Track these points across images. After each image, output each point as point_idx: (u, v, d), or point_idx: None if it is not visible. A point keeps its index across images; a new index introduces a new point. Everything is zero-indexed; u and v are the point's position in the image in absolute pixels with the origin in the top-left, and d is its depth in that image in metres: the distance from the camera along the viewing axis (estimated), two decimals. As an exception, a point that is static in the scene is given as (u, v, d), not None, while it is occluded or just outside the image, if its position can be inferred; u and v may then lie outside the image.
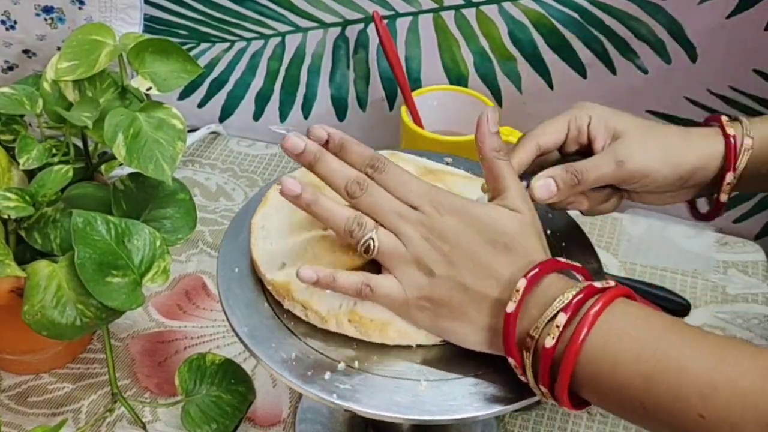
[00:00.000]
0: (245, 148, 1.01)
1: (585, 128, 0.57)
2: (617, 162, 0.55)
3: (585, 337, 0.43)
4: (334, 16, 0.89)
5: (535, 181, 0.55)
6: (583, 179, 0.55)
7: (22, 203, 0.60)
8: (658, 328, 0.44)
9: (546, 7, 0.82)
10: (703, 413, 0.40)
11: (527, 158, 0.56)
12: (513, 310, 0.45)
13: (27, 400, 0.70)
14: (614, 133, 0.56)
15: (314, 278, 0.49)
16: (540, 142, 0.56)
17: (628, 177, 0.56)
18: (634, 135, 0.56)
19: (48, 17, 0.86)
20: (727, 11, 0.77)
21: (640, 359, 0.42)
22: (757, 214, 0.90)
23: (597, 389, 0.44)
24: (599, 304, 0.44)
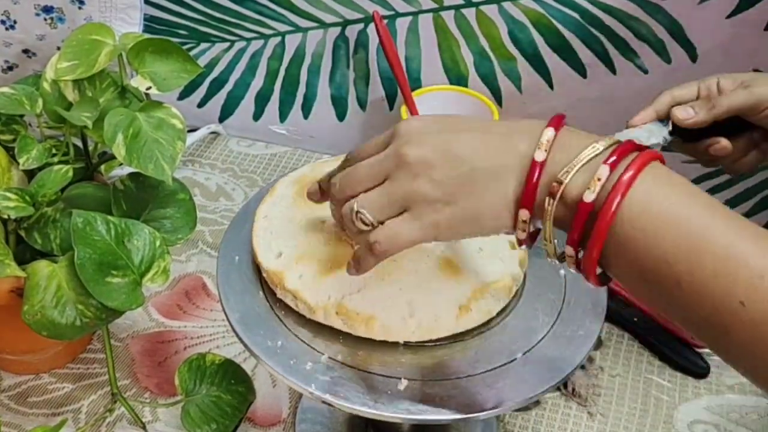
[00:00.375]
0: (245, 148, 1.01)
1: (714, 85, 0.62)
2: (747, 89, 0.59)
3: (625, 194, 0.40)
4: (334, 16, 0.89)
5: (675, 109, 0.61)
6: (718, 103, 0.59)
7: (22, 203, 0.60)
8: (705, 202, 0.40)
9: (546, 7, 0.82)
10: (745, 301, 0.37)
11: (664, 104, 0.62)
12: (542, 159, 0.42)
13: (27, 400, 0.70)
14: (741, 82, 0.61)
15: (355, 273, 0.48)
16: (674, 93, 0.62)
17: (757, 101, 0.59)
18: (762, 75, 0.60)
19: (48, 17, 0.86)
20: (727, 11, 0.77)
21: (689, 233, 0.39)
22: (757, 214, 0.90)
23: (630, 258, 0.40)
24: (640, 161, 0.40)
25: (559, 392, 0.72)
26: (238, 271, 0.56)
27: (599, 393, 0.72)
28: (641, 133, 0.61)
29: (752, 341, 0.37)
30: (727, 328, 0.38)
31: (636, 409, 0.71)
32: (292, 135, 1.01)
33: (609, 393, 0.72)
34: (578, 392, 0.71)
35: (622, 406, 0.71)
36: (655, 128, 0.62)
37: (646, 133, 0.61)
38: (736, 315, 0.37)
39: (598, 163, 0.41)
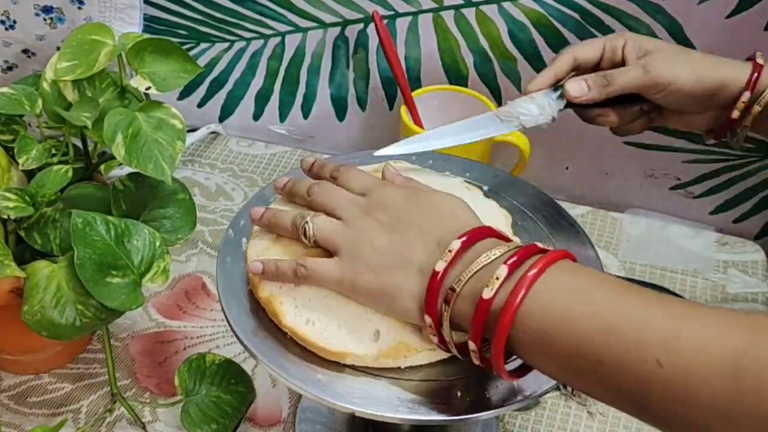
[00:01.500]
0: (245, 148, 1.01)
1: (620, 49, 0.61)
2: (644, 68, 0.59)
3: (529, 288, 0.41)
4: (333, 16, 0.89)
5: (568, 82, 0.60)
6: (612, 81, 0.59)
7: (21, 203, 0.60)
8: (611, 284, 0.42)
9: (546, 7, 0.82)
10: (663, 361, 0.38)
11: (564, 67, 0.62)
12: (442, 269, 0.45)
13: (27, 400, 0.70)
14: (645, 52, 0.60)
15: (260, 269, 0.51)
16: (576, 54, 0.62)
17: (653, 84, 0.59)
18: (666, 50, 0.60)
19: (47, 17, 0.86)
20: (727, 11, 0.77)
21: (599, 314, 0.40)
22: (757, 214, 0.90)
23: (542, 349, 0.42)
24: (543, 260, 0.42)
25: (559, 392, 0.72)
26: (238, 271, 0.56)
27: (599, 393, 0.72)
28: (533, 109, 0.61)
29: (671, 400, 0.38)
30: (648, 391, 0.39)
31: (636, 409, 0.71)
32: (291, 135, 1.01)
33: (609, 393, 0.72)
34: (578, 392, 0.71)
35: (622, 406, 0.71)
36: (548, 104, 0.61)
37: (537, 110, 0.61)
38: (656, 376, 0.38)
39: (498, 264, 0.43)
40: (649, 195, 0.92)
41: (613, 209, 0.92)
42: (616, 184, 0.92)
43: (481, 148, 0.83)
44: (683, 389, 0.38)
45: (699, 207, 0.91)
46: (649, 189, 0.91)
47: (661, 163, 0.89)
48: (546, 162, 0.91)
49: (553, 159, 0.91)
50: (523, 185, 0.64)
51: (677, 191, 0.91)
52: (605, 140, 0.64)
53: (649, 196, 0.92)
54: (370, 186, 0.52)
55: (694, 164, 0.88)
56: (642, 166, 0.90)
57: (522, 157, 0.85)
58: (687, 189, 0.91)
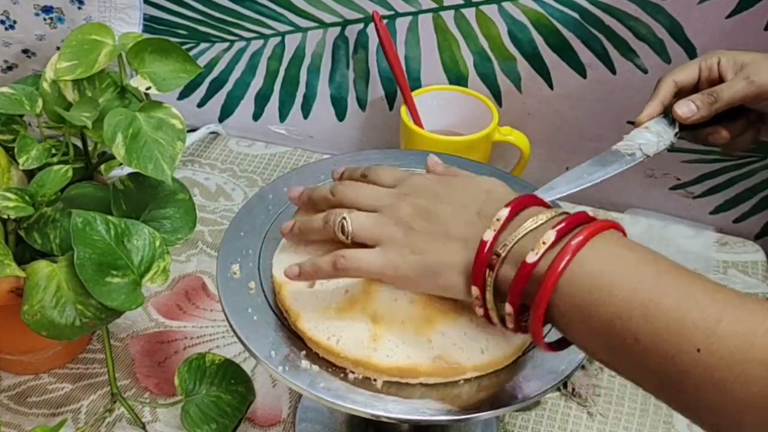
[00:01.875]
0: (245, 148, 1.00)
1: (715, 66, 0.63)
2: (747, 79, 0.60)
3: (573, 255, 0.41)
4: (333, 16, 0.89)
5: (676, 106, 0.62)
6: (719, 97, 0.61)
7: (21, 203, 0.60)
8: (656, 260, 0.42)
9: (546, 7, 0.82)
10: (701, 347, 0.37)
11: (668, 92, 0.63)
12: (491, 237, 0.44)
13: (26, 400, 0.70)
14: (742, 64, 0.62)
15: (297, 271, 0.50)
16: (676, 79, 0.63)
17: (759, 92, 0.60)
18: (761, 59, 0.61)
19: (47, 17, 0.85)
20: (727, 11, 0.77)
21: (639, 289, 0.40)
22: (757, 214, 0.90)
23: (582, 320, 0.41)
24: (591, 228, 0.42)
25: (559, 392, 0.72)
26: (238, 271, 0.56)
27: (599, 393, 0.72)
28: (651, 138, 0.62)
29: (707, 387, 0.38)
30: (683, 375, 0.38)
31: (636, 409, 0.71)
32: (291, 135, 1.01)
33: (609, 393, 0.72)
34: (578, 392, 0.71)
35: (622, 406, 0.71)
36: (663, 129, 0.62)
37: (655, 137, 0.62)
38: (693, 362, 0.38)
39: (545, 230, 0.43)
40: (649, 195, 0.92)
41: (613, 209, 0.92)
42: (616, 184, 0.92)
43: (481, 149, 0.83)
44: (720, 377, 0.37)
45: (699, 207, 0.91)
46: (649, 189, 0.91)
47: (661, 163, 0.89)
48: (546, 162, 0.91)
49: (553, 159, 0.91)
50: (523, 185, 0.64)
51: (677, 191, 0.91)
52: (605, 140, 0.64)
53: (649, 196, 0.92)
54: (400, 177, 0.52)
55: (694, 164, 0.88)
56: (642, 165, 0.89)
57: (522, 157, 0.85)
58: (687, 189, 0.91)
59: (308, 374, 0.49)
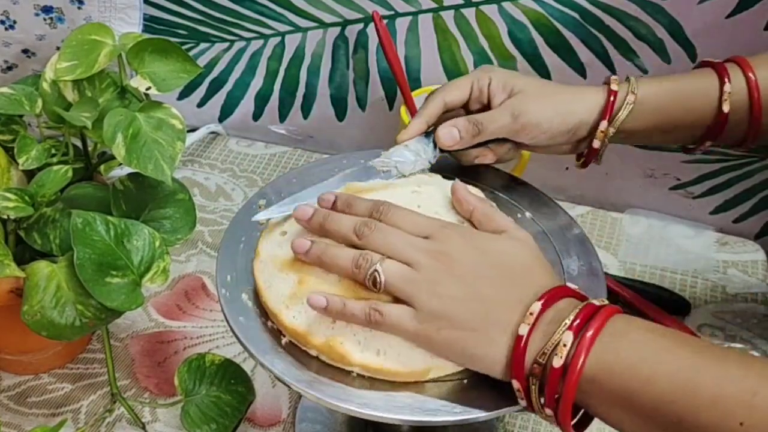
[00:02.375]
0: (245, 148, 1.00)
1: (486, 88, 0.62)
2: (513, 115, 0.60)
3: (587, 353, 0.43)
4: (333, 16, 0.89)
5: (440, 129, 0.61)
6: (483, 129, 0.61)
7: (21, 203, 0.60)
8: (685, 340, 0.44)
9: (546, 7, 0.82)
10: (744, 421, 0.39)
11: (435, 112, 0.62)
12: (525, 332, 0.45)
13: (26, 401, 0.70)
14: (511, 92, 0.62)
15: (324, 304, 0.48)
16: (446, 99, 0.63)
17: (521, 129, 0.61)
18: (529, 92, 0.61)
19: (47, 17, 0.85)
20: (727, 11, 0.77)
21: (679, 371, 0.42)
22: (757, 214, 0.90)
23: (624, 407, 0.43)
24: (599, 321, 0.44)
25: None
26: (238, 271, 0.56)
27: (599, 393, 0.72)
28: (408, 156, 0.61)
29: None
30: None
31: (636, 409, 0.71)
32: (291, 135, 1.01)
33: (609, 393, 0.72)
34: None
35: (622, 406, 0.71)
36: (422, 148, 0.61)
37: (413, 156, 0.61)
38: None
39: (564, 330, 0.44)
40: (649, 195, 0.92)
41: (613, 209, 0.92)
42: (616, 184, 0.92)
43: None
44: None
45: (699, 207, 0.91)
46: (649, 189, 0.91)
47: (661, 163, 0.89)
48: (546, 162, 0.90)
49: (553, 159, 0.91)
50: (523, 185, 0.64)
51: (677, 191, 0.91)
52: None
53: (649, 196, 0.92)
54: (427, 228, 0.50)
55: (694, 164, 0.88)
56: (642, 166, 0.90)
57: (522, 157, 0.85)
58: (687, 189, 0.91)
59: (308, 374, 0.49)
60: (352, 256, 0.49)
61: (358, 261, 0.49)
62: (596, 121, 0.62)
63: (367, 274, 0.48)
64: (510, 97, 0.61)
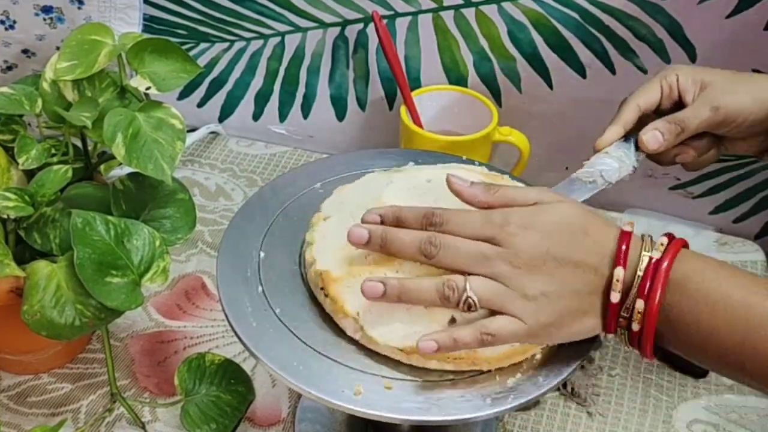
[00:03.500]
0: (245, 148, 1.00)
1: (675, 85, 0.62)
2: (713, 108, 0.60)
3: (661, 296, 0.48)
4: (333, 16, 0.89)
5: (643, 134, 0.61)
6: (686, 126, 0.60)
7: (21, 203, 0.60)
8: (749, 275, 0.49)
9: (546, 7, 0.82)
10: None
11: (631, 117, 0.62)
12: (617, 300, 0.49)
13: (26, 400, 0.70)
14: (701, 84, 0.61)
15: (435, 346, 0.48)
16: (639, 103, 0.63)
17: (724, 120, 0.60)
18: (722, 82, 0.61)
19: (47, 17, 0.85)
20: (727, 11, 0.77)
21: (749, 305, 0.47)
22: (757, 214, 0.90)
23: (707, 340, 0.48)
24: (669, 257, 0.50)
25: (558, 392, 0.72)
26: (238, 271, 0.56)
27: (598, 393, 0.72)
28: (611, 163, 0.61)
29: None
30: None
31: (635, 408, 0.71)
32: (291, 135, 1.01)
33: (608, 393, 0.72)
34: (578, 392, 0.71)
35: (622, 406, 0.71)
36: (624, 154, 0.61)
37: (617, 163, 0.61)
38: None
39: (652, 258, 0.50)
40: (648, 195, 0.92)
41: (613, 209, 0.92)
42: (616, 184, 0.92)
43: (481, 149, 0.83)
44: None
45: (699, 207, 0.91)
46: (648, 189, 0.91)
47: (661, 163, 0.89)
48: (546, 162, 0.91)
49: (553, 159, 0.91)
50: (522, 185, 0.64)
51: (677, 191, 0.91)
52: (605, 140, 0.64)
53: (649, 196, 0.92)
54: (487, 229, 0.50)
55: (694, 164, 0.88)
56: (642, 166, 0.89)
57: (522, 157, 0.85)
58: (687, 189, 0.91)
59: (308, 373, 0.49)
60: (435, 287, 0.49)
61: (445, 292, 0.48)
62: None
63: (461, 302, 0.48)
64: (702, 91, 0.61)
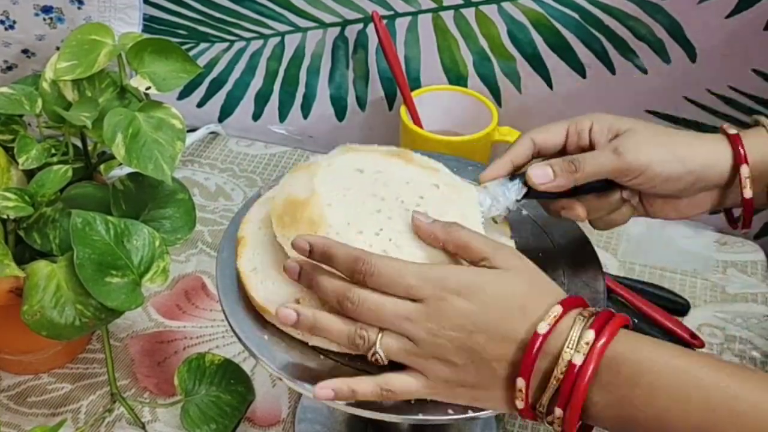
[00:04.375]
0: (244, 148, 1.00)
1: (586, 132, 0.56)
2: (615, 152, 0.53)
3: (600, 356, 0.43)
4: (333, 16, 0.89)
5: (532, 168, 0.54)
6: (581, 167, 0.53)
7: (21, 203, 0.60)
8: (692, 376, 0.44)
9: (545, 7, 0.82)
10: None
11: (523, 152, 0.56)
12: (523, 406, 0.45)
13: (26, 400, 0.70)
14: (617, 133, 0.55)
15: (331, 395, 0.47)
16: (536, 139, 0.56)
17: (628, 168, 0.53)
18: (638, 130, 0.54)
19: (47, 17, 0.85)
20: (727, 11, 0.77)
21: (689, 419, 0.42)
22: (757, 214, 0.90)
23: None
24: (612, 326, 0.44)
25: (558, 392, 0.71)
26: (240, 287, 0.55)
27: (599, 393, 0.71)
28: (484, 199, 0.55)
29: None
30: None
31: (635, 409, 0.71)
32: (291, 135, 1.01)
33: (608, 393, 0.72)
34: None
35: (622, 406, 0.71)
36: (501, 192, 0.55)
37: (489, 200, 0.55)
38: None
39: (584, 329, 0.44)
40: (648, 195, 0.92)
41: (613, 209, 0.92)
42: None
43: (481, 149, 0.83)
44: None
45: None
46: (648, 189, 0.91)
47: (661, 163, 0.89)
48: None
49: (552, 159, 0.91)
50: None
51: (677, 191, 0.91)
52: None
53: (649, 196, 0.92)
54: (417, 291, 0.47)
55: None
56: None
57: (522, 157, 0.85)
58: (686, 189, 0.90)
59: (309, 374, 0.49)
60: (347, 332, 0.48)
61: (355, 340, 0.47)
62: (726, 165, 0.54)
63: (369, 355, 0.47)
64: (614, 138, 0.55)
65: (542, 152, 0.57)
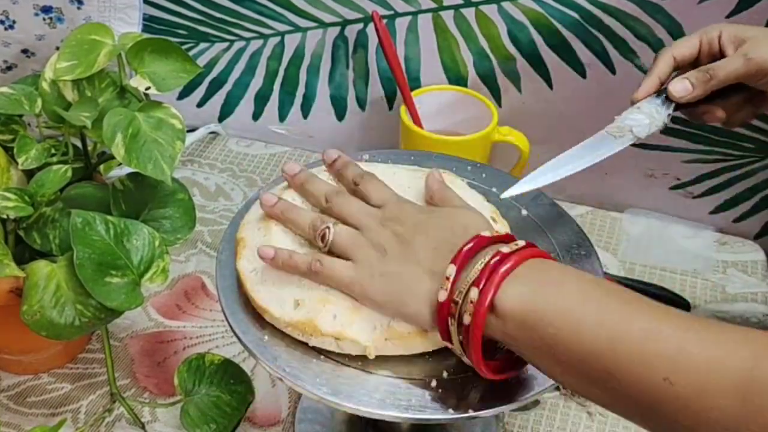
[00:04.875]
0: (244, 148, 1.00)
1: (716, 41, 0.61)
2: (745, 56, 0.59)
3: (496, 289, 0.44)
4: (333, 16, 0.89)
5: (672, 83, 0.61)
6: (715, 74, 0.59)
7: (21, 203, 0.60)
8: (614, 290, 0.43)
9: (545, 7, 0.82)
10: (670, 377, 0.38)
11: (665, 69, 0.62)
12: (444, 299, 0.46)
13: (26, 400, 0.70)
14: (743, 40, 0.60)
15: (272, 254, 0.51)
16: (674, 53, 0.62)
17: (756, 70, 0.59)
18: (761, 35, 0.60)
19: (47, 17, 0.85)
20: (727, 11, 0.77)
21: (604, 323, 0.41)
22: (756, 214, 0.90)
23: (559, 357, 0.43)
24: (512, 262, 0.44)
25: (558, 392, 0.72)
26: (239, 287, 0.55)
27: (599, 393, 0.72)
28: (642, 119, 0.61)
29: (681, 416, 0.38)
30: (654, 406, 0.39)
31: (635, 409, 0.71)
32: (291, 135, 1.01)
33: (608, 393, 0.72)
34: (578, 392, 0.71)
35: (622, 406, 0.71)
36: (655, 110, 0.61)
37: (647, 119, 0.61)
38: (663, 392, 0.39)
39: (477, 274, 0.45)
40: (648, 195, 0.92)
41: (613, 209, 0.92)
42: (616, 184, 0.92)
43: (481, 149, 0.83)
44: (694, 408, 0.38)
45: (699, 207, 0.91)
46: (648, 189, 0.91)
47: (661, 163, 0.89)
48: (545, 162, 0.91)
49: (552, 159, 0.91)
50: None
51: (677, 191, 0.91)
52: (605, 140, 0.64)
53: (649, 196, 0.92)
54: (388, 198, 0.53)
55: (694, 164, 0.88)
56: (642, 166, 0.90)
57: (522, 157, 0.85)
58: (687, 189, 0.91)
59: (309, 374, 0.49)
60: (311, 219, 0.53)
61: (314, 223, 0.52)
62: None
63: (319, 231, 0.51)
64: (741, 45, 0.60)
65: (680, 65, 0.62)
